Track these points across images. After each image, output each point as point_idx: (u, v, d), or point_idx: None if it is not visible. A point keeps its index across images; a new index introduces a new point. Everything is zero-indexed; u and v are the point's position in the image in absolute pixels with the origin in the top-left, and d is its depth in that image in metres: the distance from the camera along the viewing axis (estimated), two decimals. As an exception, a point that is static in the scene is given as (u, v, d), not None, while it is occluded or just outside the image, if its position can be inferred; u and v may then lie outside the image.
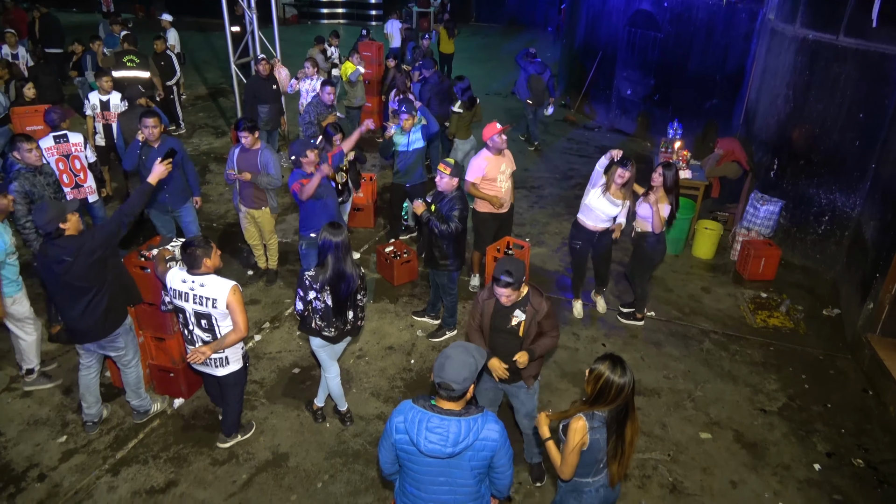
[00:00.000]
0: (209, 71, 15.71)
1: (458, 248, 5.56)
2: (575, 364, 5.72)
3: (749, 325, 6.41)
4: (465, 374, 2.86)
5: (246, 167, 6.13)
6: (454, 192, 5.37)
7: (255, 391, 5.32)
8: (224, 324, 4.17)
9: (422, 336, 6.08)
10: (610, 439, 3.06)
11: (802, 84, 7.21)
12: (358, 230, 8.12)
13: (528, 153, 11.25)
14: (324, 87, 7.91)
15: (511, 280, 3.75)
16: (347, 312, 4.43)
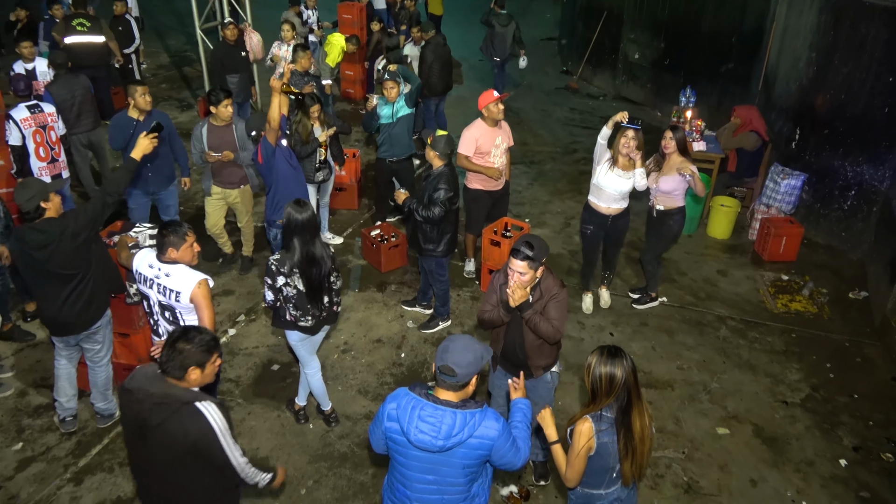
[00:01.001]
0: (172, 37, 15.53)
1: (445, 232, 5.55)
2: (580, 356, 5.75)
3: (769, 311, 6.46)
4: (469, 358, 2.89)
5: (222, 145, 6.09)
6: (440, 169, 5.35)
7: (230, 390, 5.33)
8: (190, 318, 4.16)
9: (413, 328, 6.09)
10: (619, 438, 3.07)
11: (826, 45, 7.21)
12: (340, 212, 8.10)
13: (527, 125, 11.22)
14: (298, 50, 7.83)
15: (531, 254, 3.72)
16: (322, 297, 4.45)
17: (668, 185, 5.80)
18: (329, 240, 7.39)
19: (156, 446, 2.93)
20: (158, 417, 2.89)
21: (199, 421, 2.90)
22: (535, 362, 4.10)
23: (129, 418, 3.00)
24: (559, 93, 13.30)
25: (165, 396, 2.91)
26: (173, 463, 2.95)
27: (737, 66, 10.09)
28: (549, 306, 3.88)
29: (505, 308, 3.92)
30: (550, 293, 3.89)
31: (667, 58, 11.51)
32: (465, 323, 6.15)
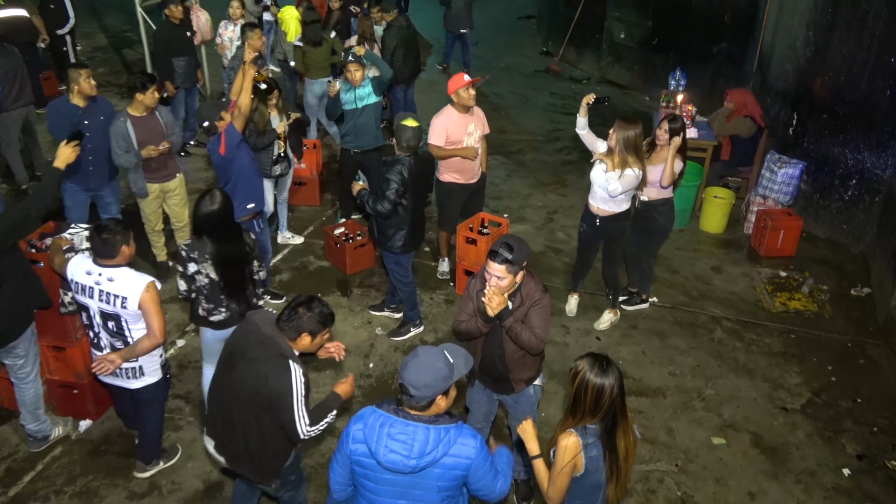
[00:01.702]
0: (109, 15, 15.30)
1: (399, 227, 5.50)
2: (565, 362, 5.78)
3: (767, 310, 6.57)
4: (427, 379, 2.84)
5: (153, 137, 6.01)
6: (397, 159, 5.35)
7: (179, 408, 5.26)
8: (136, 327, 4.11)
9: (381, 335, 6.08)
10: (605, 457, 3.07)
11: (825, 24, 7.33)
12: (300, 209, 8.05)
13: (504, 112, 11.25)
14: (248, 31, 7.74)
15: (510, 256, 3.67)
16: (243, 291, 4.47)
17: (654, 175, 5.86)
18: (288, 239, 7.34)
19: (239, 379, 3.40)
20: (254, 354, 3.37)
21: (283, 376, 3.31)
22: (516, 375, 4.07)
23: (232, 343, 3.52)
24: (539, 76, 13.37)
25: (270, 339, 3.39)
26: (246, 401, 3.39)
27: (730, 46, 10.24)
28: (530, 313, 3.85)
29: (483, 317, 3.87)
30: (532, 299, 3.85)
31: (655, 38, 11.63)
32: (438, 329, 6.15)
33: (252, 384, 3.36)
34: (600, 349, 5.94)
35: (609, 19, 12.54)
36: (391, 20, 9.16)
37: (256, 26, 7.92)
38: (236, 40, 8.84)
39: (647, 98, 11.81)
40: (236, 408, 3.46)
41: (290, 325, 3.40)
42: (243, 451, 3.54)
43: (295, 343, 3.45)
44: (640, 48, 12.04)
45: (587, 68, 13.39)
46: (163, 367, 4.39)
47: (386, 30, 9.19)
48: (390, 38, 9.04)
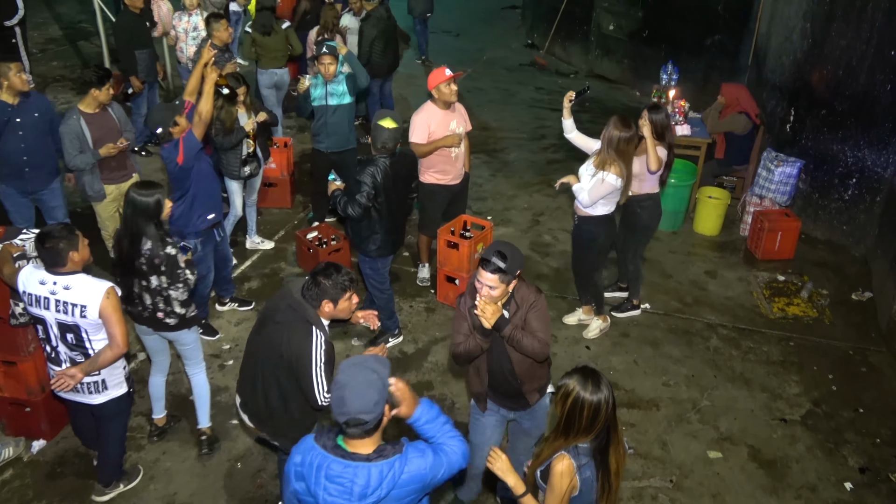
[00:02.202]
0: (63, 5, 15.17)
1: (373, 230, 5.50)
2: (553, 373, 5.78)
3: (764, 316, 6.64)
4: (373, 395, 2.75)
5: (107, 135, 5.96)
6: (370, 158, 5.36)
7: (141, 426, 5.23)
8: (97, 337, 4.08)
9: (358, 346, 6.07)
10: (598, 476, 3.08)
11: (822, 14, 7.43)
12: (271, 211, 8.03)
13: (487, 108, 11.29)
14: (212, 23, 7.70)
15: (503, 265, 3.62)
16: (136, 292, 4.51)
17: (636, 168, 5.91)
18: (258, 245, 7.32)
19: (265, 340, 3.80)
20: (282, 317, 3.76)
21: (304, 341, 3.68)
22: (529, 387, 4.02)
23: (267, 306, 3.94)
24: (524, 70, 13.43)
25: (299, 305, 3.75)
26: (270, 362, 3.79)
27: (724, 38, 10.34)
28: (528, 318, 3.81)
29: (480, 332, 3.80)
30: (528, 302, 3.82)
31: (646, 29, 11.73)
32: (418, 338, 6.15)
33: (276, 346, 3.74)
34: (590, 359, 5.98)
35: (597, 10, 12.63)
36: (371, 9, 9.14)
37: (222, 17, 7.88)
38: (192, 32, 8.78)
39: (637, 93, 11.91)
40: (261, 368, 3.86)
41: (311, 293, 3.73)
42: (264, 410, 3.91)
43: (319, 311, 3.76)
44: (630, 40, 12.13)
45: (574, 61, 13.48)
46: (127, 379, 4.36)
47: (364, 20, 9.16)
48: (370, 29, 9.02)
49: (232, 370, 5.71)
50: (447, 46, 14.37)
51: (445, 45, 14.36)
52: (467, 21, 16.51)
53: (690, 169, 7.87)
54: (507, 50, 14.53)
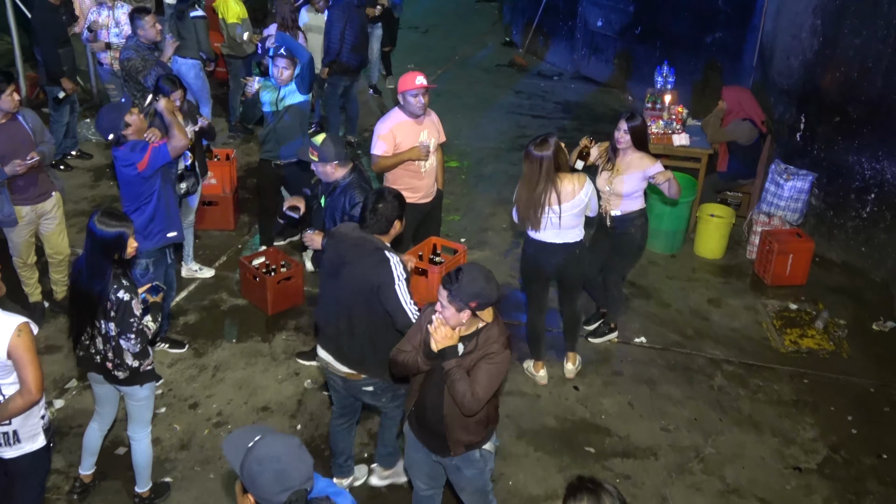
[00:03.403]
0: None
1: None
2: (536, 418, 5.81)
3: (775, 350, 6.70)
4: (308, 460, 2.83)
5: (17, 148, 5.86)
6: (347, 178, 5.32)
7: (58, 485, 5.14)
8: (6, 381, 4.01)
9: (312, 388, 6.03)
10: None
11: (834, 9, 7.59)
12: (210, 234, 7.97)
13: (461, 114, 11.35)
14: (137, 18, 7.68)
15: (451, 286, 3.74)
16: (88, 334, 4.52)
17: (626, 186, 5.99)
18: (195, 272, 7.26)
19: (344, 285, 4.49)
20: (351, 257, 4.47)
21: (383, 266, 4.40)
22: (453, 435, 4.07)
23: (331, 258, 4.62)
24: (501, 71, 13.53)
25: (363, 240, 4.50)
26: (356, 302, 4.45)
27: (726, 36, 10.50)
28: (478, 367, 3.87)
29: (425, 351, 3.93)
30: (487, 350, 3.87)
31: (638, 25, 11.88)
32: (382, 380, 6.13)
33: (358, 284, 4.41)
34: (579, 401, 5.99)
35: (584, 3, 12.78)
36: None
37: (150, 11, 7.87)
38: (114, 28, 8.75)
39: (629, 97, 12.04)
40: (347, 313, 4.49)
41: (376, 222, 4.47)
42: (359, 353, 4.54)
43: (387, 235, 4.55)
44: (620, 38, 12.27)
45: (558, 61, 13.61)
46: (45, 431, 4.27)
47: (332, 7, 9.15)
48: (338, 17, 8.98)
49: (164, 418, 5.64)
50: (414, 44, 14.43)
51: (412, 43, 14.42)
52: (437, 15, 16.62)
53: (689, 183, 7.95)
54: (483, 49, 14.64)
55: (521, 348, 6.27)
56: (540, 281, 5.97)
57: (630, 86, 12.14)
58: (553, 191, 5.43)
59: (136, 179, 5.44)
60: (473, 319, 3.87)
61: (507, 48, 14.63)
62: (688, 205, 7.88)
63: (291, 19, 8.84)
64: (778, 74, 8.58)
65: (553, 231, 5.59)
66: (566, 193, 5.46)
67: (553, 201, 5.44)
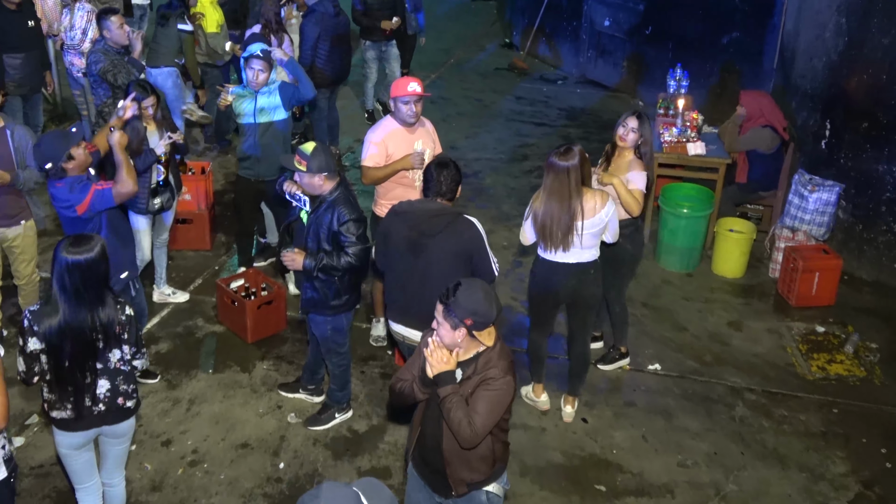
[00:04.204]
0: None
1: (361, 276, 5.57)
2: (541, 453, 5.80)
3: (801, 377, 6.70)
4: None
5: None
6: (334, 193, 5.32)
7: (17, 532, 5.10)
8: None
9: (296, 423, 6.02)
10: None
11: (860, 6, 7.64)
12: (185, 254, 7.98)
13: (457, 122, 11.38)
14: (104, 20, 7.70)
15: (447, 300, 3.75)
16: (88, 382, 4.38)
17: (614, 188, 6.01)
18: (168, 297, 7.26)
19: (430, 258, 5.06)
20: (432, 230, 5.06)
21: (471, 228, 5.14)
22: (455, 472, 4.04)
23: (400, 237, 5.16)
24: (500, 75, 13.58)
25: (441, 210, 5.14)
26: (447, 264, 5.03)
27: (744, 36, 10.56)
28: (477, 393, 3.85)
29: (421, 378, 3.92)
30: (487, 376, 3.85)
31: (649, 25, 11.94)
32: (372, 414, 6.12)
33: (450, 251, 5.05)
34: (588, 434, 5.98)
35: (589, 2, 12.86)
36: (314, 2, 9.18)
37: (116, 11, 7.90)
38: (69, 30, 8.78)
39: (639, 102, 12.07)
40: (442, 281, 4.46)
41: (448, 190, 5.12)
42: None
43: (454, 200, 5.23)
44: (629, 39, 12.33)
45: (562, 65, 13.66)
46: (6, 462, 4.26)
47: (306, 16, 9.20)
48: (311, 28, 9.02)
49: (134, 456, 5.61)
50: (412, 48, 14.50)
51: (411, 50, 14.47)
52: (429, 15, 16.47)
53: (706, 196, 7.98)
54: (480, 51, 14.71)
55: (525, 376, 6.26)
56: (550, 305, 5.95)
57: (640, 90, 12.19)
58: (579, 206, 5.40)
59: (73, 220, 5.36)
60: (472, 342, 3.87)
61: (505, 50, 14.69)
62: (705, 219, 7.91)
63: (276, 21, 8.87)
64: (800, 77, 8.61)
65: (571, 251, 5.57)
66: (588, 210, 5.43)
67: (578, 217, 5.42)
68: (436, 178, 5.10)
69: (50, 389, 4.36)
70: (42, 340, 4.25)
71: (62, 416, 4.41)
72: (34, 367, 4.31)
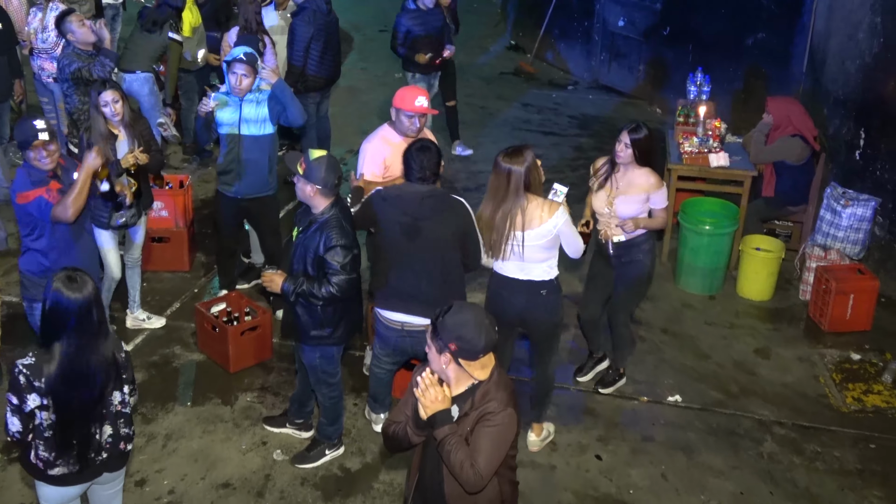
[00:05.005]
0: None
1: (349, 309, 5.55)
2: (552, 494, 5.79)
3: (835, 409, 6.69)
4: None
5: None
6: (327, 214, 5.30)
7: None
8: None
9: (282, 460, 6.01)
10: None
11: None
12: (161, 276, 7.99)
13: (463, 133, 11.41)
14: (65, 24, 7.70)
15: (433, 321, 3.77)
16: (91, 428, 4.34)
17: (628, 208, 6.07)
18: (142, 322, 7.25)
19: (430, 236, 5.41)
20: (427, 211, 5.38)
21: (463, 207, 5.52)
22: None
23: (393, 223, 5.46)
24: (506, 80, 13.61)
25: (433, 191, 5.46)
26: (444, 245, 5.45)
27: (769, 36, 10.58)
28: (478, 431, 3.79)
29: (415, 421, 3.87)
30: (486, 410, 3.79)
31: (667, 25, 11.99)
32: (365, 450, 6.11)
33: (447, 231, 5.42)
34: (603, 473, 5.97)
35: (602, 1, 12.90)
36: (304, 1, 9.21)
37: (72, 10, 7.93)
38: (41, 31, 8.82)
39: (657, 110, 12.11)
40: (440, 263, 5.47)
41: (430, 173, 5.42)
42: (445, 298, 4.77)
43: (440, 180, 5.62)
44: (645, 41, 12.38)
45: (573, 68, 13.71)
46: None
47: (296, 14, 9.23)
48: (303, 27, 9.04)
49: None
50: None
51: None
52: (429, 15, 16.76)
53: (730, 212, 7.99)
54: (483, 53, 14.75)
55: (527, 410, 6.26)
56: (504, 326, 5.92)
57: (658, 96, 12.22)
58: (519, 213, 5.39)
59: (22, 214, 5.44)
60: (463, 374, 3.83)
61: (511, 53, 14.75)
62: (729, 237, 7.92)
63: (256, 21, 8.90)
64: (832, 82, 8.64)
65: (516, 263, 5.57)
66: (530, 219, 5.40)
67: (518, 225, 5.40)
68: (419, 162, 5.38)
69: (47, 447, 4.27)
70: (43, 395, 4.17)
71: (62, 473, 4.35)
72: (28, 427, 4.24)
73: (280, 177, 7.54)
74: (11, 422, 4.20)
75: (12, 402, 4.17)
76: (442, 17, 10.07)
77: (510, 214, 5.38)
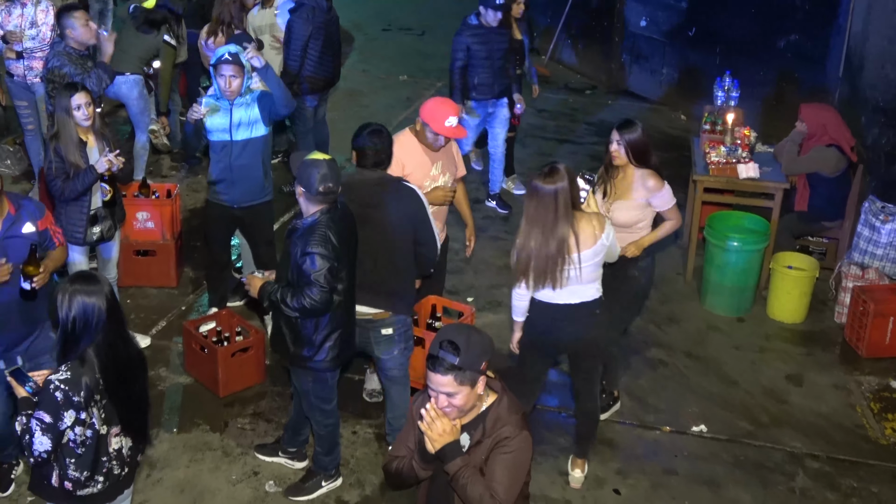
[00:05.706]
0: None
1: (333, 328, 5.48)
2: (565, 530, 5.80)
3: (873, 441, 6.67)
4: None
5: None
6: (311, 219, 5.29)
7: None
8: None
9: (275, 492, 6.01)
10: None
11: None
12: (146, 292, 8.01)
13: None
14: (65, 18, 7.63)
15: (457, 360, 3.64)
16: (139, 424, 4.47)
17: (626, 215, 6.07)
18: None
19: (380, 223, 5.62)
20: (377, 199, 5.64)
21: (413, 194, 5.72)
22: None
23: (348, 215, 5.44)
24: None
25: (382, 178, 5.75)
26: (394, 234, 5.67)
27: (803, 39, 10.58)
28: (493, 459, 3.79)
29: (420, 454, 3.86)
30: (500, 436, 3.79)
31: (692, 26, 12.00)
32: (364, 482, 6.10)
33: (396, 220, 5.65)
34: (619, 508, 5.96)
35: None
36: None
37: (79, 6, 7.97)
38: (29, 29, 8.89)
39: (682, 116, 12.12)
40: (389, 251, 5.68)
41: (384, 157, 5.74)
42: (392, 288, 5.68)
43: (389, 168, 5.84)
44: (670, 42, 12.39)
45: (591, 72, 13.73)
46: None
47: (295, 11, 9.24)
48: (301, 25, 9.03)
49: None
50: (407, 49, 14.60)
51: (406, 48, 14.60)
52: (434, 14, 16.76)
53: (761, 227, 7.99)
54: (495, 55, 14.80)
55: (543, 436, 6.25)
56: (548, 357, 5.92)
57: (683, 102, 12.22)
58: (572, 235, 5.28)
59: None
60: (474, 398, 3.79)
61: (525, 55, 14.79)
62: (759, 254, 7.91)
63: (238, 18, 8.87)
64: (870, 88, 8.64)
65: (570, 288, 5.45)
66: (586, 238, 5.32)
67: (572, 248, 5.29)
68: (372, 146, 5.67)
69: (80, 466, 4.30)
70: (79, 409, 4.21)
71: (90, 493, 4.39)
72: (57, 446, 4.25)
73: (275, 186, 7.56)
74: (41, 441, 4.19)
75: (45, 421, 4.16)
76: (507, 41, 9.60)
77: (564, 240, 5.26)
